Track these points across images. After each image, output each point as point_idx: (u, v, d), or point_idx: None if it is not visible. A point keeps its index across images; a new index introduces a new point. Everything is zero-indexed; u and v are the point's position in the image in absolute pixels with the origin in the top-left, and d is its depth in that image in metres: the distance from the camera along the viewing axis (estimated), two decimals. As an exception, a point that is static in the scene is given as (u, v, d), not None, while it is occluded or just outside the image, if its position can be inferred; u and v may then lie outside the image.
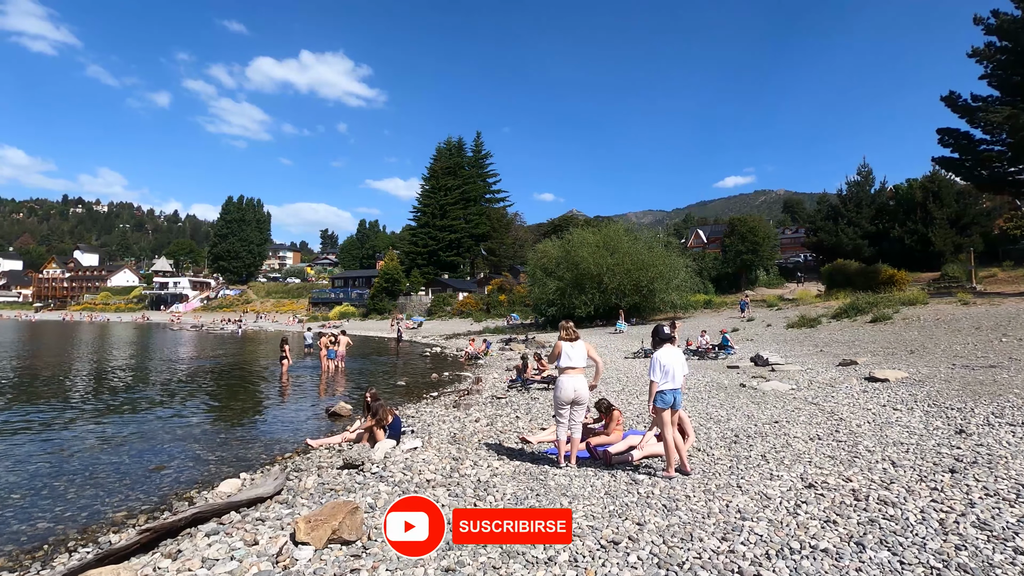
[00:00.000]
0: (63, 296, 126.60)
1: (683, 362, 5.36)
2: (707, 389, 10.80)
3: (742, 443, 6.30)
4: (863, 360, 13.02)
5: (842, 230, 50.68)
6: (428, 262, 79.89)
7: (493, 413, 9.05)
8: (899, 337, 17.03)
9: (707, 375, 13.06)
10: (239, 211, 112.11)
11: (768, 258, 53.24)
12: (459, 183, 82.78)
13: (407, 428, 7.70)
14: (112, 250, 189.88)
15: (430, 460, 5.93)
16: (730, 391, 10.38)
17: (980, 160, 32.36)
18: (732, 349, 17.97)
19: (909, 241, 46.41)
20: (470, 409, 9.63)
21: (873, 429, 6.62)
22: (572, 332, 5.78)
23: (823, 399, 8.87)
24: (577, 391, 5.64)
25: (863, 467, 5.13)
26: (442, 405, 10.27)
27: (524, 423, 8.22)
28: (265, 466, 6.65)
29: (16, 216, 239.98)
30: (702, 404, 9.12)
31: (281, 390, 13.88)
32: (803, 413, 7.86)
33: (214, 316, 78.09)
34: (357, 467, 5.71)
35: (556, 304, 38.06)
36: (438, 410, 9.71)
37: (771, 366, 13.62)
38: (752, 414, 7.99)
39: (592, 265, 35.99)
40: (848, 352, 15.50)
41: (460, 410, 9.60)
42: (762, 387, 10.33)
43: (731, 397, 9.69)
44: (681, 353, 5.39)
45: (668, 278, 36.14)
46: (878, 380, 10.04)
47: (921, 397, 8.24)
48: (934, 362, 11.82)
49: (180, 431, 8.68)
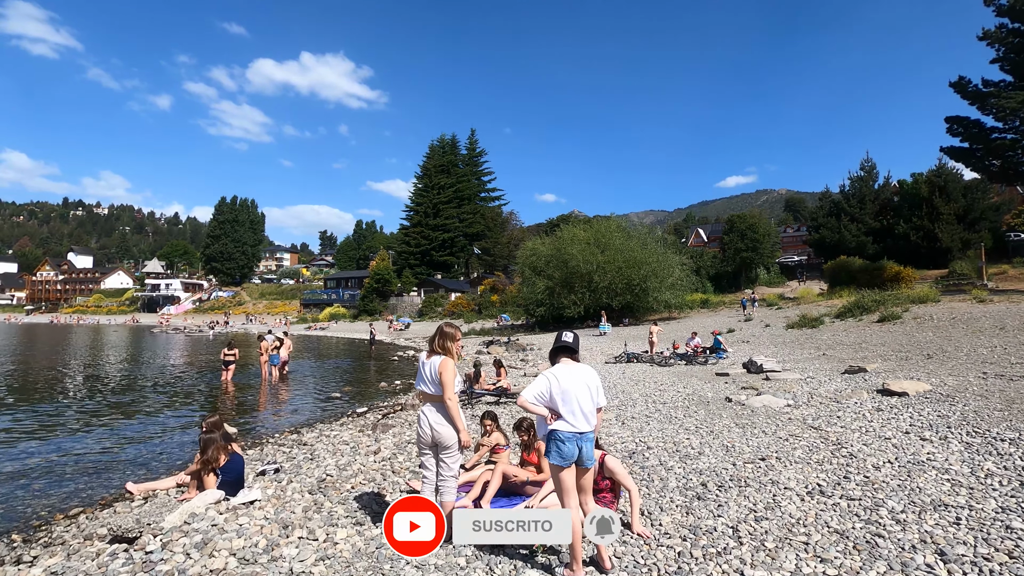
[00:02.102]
0: (56, 298, 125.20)
1: (597, 387, 3.39)
2: (684, 404, 8.88)
3: (709, 500, 4.37)
4: (873, 367, 11.08)
5: (845, 227, 48.78)
6: (421, 262, 77.95)
7: (408, 439, 7.16)
8: (912, 339, 15.08)
9: (689, 385, 11.14)
10: (232, 212, 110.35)
11: (769, 256, 51.29)
12: (453, 181, 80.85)
13: (268, 466, 5.80)
14: (111, 252, 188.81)
15: (248, 528, 4.03)
16: (712, 407, 8.47)
17: (992, 149, 30.42)
18: (724, 353, 16.04)
19: (915, 238, 44.54)
20: (388, 432, 7.75)
21: (898, 475, 4.69)
22: (439, 342, 3.84)
23: (826, 420, 6.95)
24: (428, 430, 3.76)
25: (892, 560, 3.21)
26: (358, 426, 8.36)
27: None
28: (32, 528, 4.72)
29: (16, 219, 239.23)
30: (672, 428, 7.21)
31: (201, 400, 11.99)
32: (800, 443, 5.94)
33: (204, 318, 76.34)
34: (130, 542, 3.83)
35: (545, 304, 36.19)
36: (345, 434, 7.82)
37: (765, 373, 11.70)
38: (733, 444, 6.07)
39: (581, 263, 34.07)
40: (855, 356, 13.57)
41: (375, 433, 7.72)
42: (752, 402, 8.41)
43: (712, 416, 7.77)
44: (594, 374, 3.44)
45: (662, 276, 34.19)
46: (894, 393, 8.11)
47: (955, 420, 6.31)
48: (959, 370, 9.88)
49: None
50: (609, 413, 8.57)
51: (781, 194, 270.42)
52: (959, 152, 31.86)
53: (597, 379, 3.39)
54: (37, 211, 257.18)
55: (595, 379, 3.37)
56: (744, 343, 19.24)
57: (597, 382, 3.37)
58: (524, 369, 16.12)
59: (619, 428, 7.38)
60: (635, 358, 16.58)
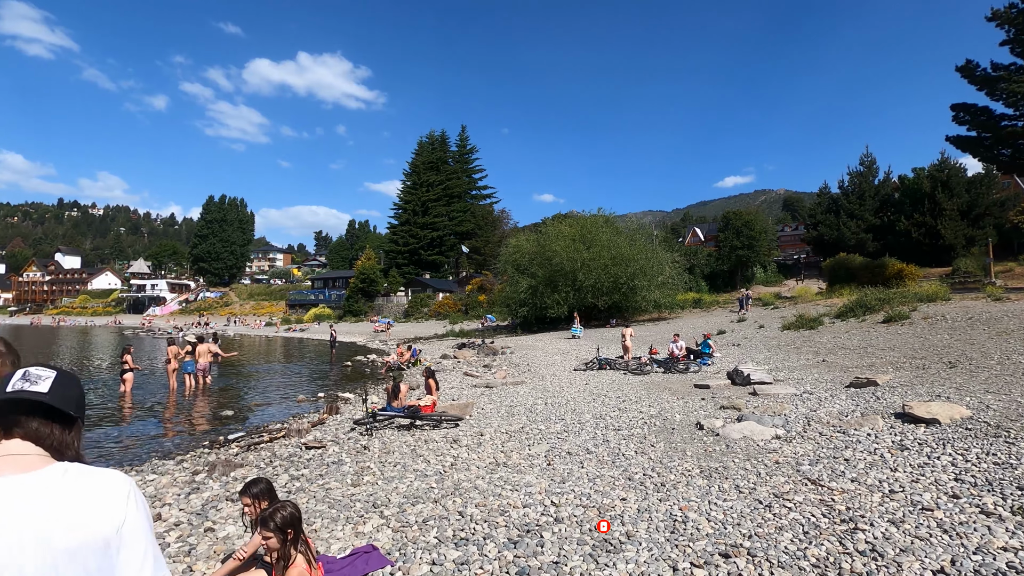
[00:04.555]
0: (43, 299, 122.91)
1: (68, 550, 1.03)
2: (642, 433, 6.75)
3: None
4: (885, 378, 8.96)
5: (844, 223, 46.86)
6: (409, 261, 75.77)
7: (218, 495, 5.04)
8: (926, 342, 12.98)
9: (657, 402, 9.01)
10: (221, 211, 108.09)
11: (765, 254, 49.22)
12: (442, 178, 78.73)
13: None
14: (104, 253, 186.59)
15: None
16: (677, 438, 6.35)
17: (1001, 137, 28.48)
18: (708, 359, 13.93)
19: (916, 234, 42.67)
20: (226, 475, 5.63)
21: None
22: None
23: (829, 466, 4.85)
24: None
25: None
26: (191, 468, 6.18)
27: (230, 536, 4.20)
28: None
29: (11, 220, 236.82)
30: (610, 476, 5.09)
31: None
32: (790, 516, 3.83)
33: (190, 319, 74.12)
34: None
35: (528, 304, 34.12)
36: (164, 479, 5.69)
37: (753, 386, 9.58)
38: (687, 517, 3.95)
39: (565, 260, 31.94)
40: (860, 363, 11.47)
41: (211, 475, 5.62)
42: (729, 431, 6.29)
43: (671, 455, 5.65)
44: (73, 508, 1.06)
45: (651, 274, 32.05)
46: (920, 420, 6.01)
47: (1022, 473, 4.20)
48: (998, 384, 7.75)
49: None
50: (541, 445, 6.47)
51: (779, 194, 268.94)
52: (966, 141, 29.89)
53: (80, 522, 1.05)
54: (32, 212, 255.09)
55: (66, 527, 1.04)
56: (735, 346, 17.13)
57: (74, 539, 1.03)
58: (483, 377, 14.00)
59: (536, 475, 5.26)
60: (608, 364, 14.47)
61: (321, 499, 4.76)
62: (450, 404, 9.02)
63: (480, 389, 12.06)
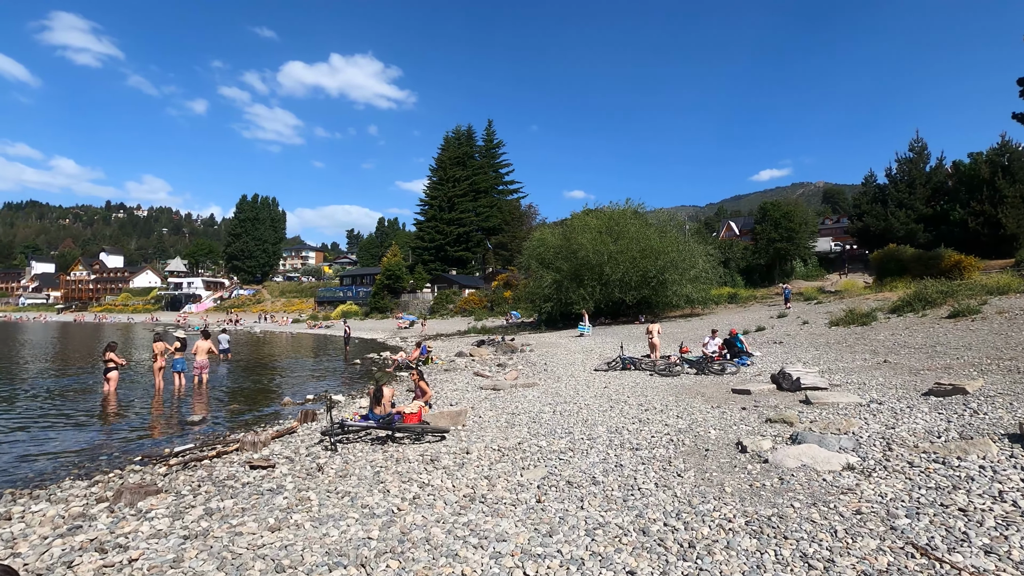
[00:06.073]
0: (88, 297, 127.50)
1: None
2: (666, 456, 5.29)
3: None
4: (975, 385, 7.21)
5: (892, 213, 43.66)
6: (435, 257, 74.90)
7: (95, 539, 3.84)
8: (1009, 340, 11.02)
9: (688, 411, 7.49)
10: (253, 210, 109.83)
11: (805, 247, 46.33)
12: (468, 174, 77.52)
13: None
14: (148, 252, 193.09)
15: None
16: (711, 465, 4.88)
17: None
18: (746, 358, 12.25)
19: (973, 224, 39.27)
20: (132, 506, 4.47)
21: None
22: None
23: (941, 522, 3.34)
24: None
25: None
26: (93, 496, 5.03)
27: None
28: None
29: (63, 222, 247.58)
30: (622, 520, 3.68)
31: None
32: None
33: (224, 316, 75.26)
34: None
35: (552, 299, 32.63)
36: (51, 514, 4.54)
37: (804, 392, 7.96)
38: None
39: (591, 253, 30.27)
40: (932, 364, 9.66)
41: (114, 504, 4.46)
42: (782, 457, 4.78)
43: (705, 491, 4.20)
44: None
45: (683, 268, 30.10)
46: (1048, 446, 4.40)
47: None
48: None
49: None
50: (537, 469, 5.09)
51: (818, 187, 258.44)
52: (1037, 117, 26.93)
53: None
54: (82, 214, 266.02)
55: None
56: (776, 344, 15.32)
57: None
58: (493, 378, 12.65)
59: (517, 519, 3.88)
60: (632, 364, 12.92)
61: (216, 552, 3.49)
62: (440, 412, 7.70)
63: (485, 392, 10.72)
